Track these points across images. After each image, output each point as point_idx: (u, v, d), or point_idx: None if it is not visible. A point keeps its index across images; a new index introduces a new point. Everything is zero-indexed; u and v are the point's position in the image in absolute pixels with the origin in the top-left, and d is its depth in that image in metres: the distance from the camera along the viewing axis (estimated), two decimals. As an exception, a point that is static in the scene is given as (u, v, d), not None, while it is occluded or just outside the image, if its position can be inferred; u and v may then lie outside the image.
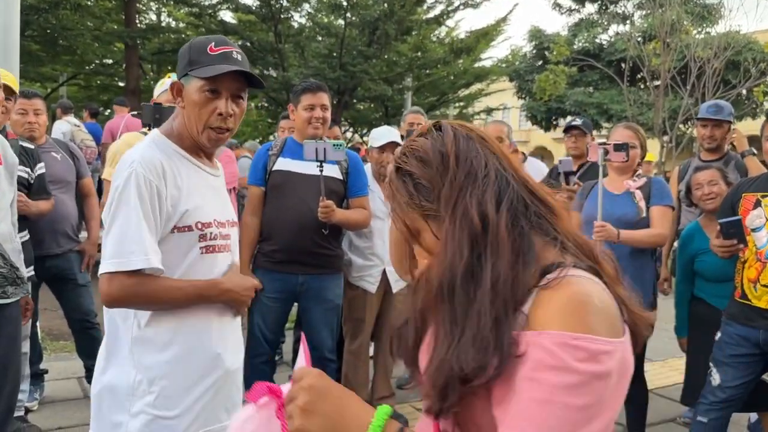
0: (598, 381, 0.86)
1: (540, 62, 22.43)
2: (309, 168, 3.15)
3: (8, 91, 3.28)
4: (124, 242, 1.62)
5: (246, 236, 3.35)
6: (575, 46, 21.32)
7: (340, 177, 3.35)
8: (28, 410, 3.53)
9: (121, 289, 1.62)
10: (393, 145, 3.65)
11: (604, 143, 3.30)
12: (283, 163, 3.32)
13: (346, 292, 3.58)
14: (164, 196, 1.68)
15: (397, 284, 3.71)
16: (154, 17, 19.28)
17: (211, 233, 1.77)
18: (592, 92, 21.30)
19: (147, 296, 1.65)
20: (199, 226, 1.75)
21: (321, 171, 3.09)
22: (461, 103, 21.69)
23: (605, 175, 3.33)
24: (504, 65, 22.50)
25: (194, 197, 1.75)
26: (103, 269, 1.64)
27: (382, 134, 3.72)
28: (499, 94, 22.11)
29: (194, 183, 1.78)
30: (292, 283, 3.29)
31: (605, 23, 22.83)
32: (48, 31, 14.67)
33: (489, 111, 22.04)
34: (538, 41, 22.95)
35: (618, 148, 3.22)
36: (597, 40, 22.19)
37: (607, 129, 17.04)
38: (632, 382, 3.10)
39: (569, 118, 21.85)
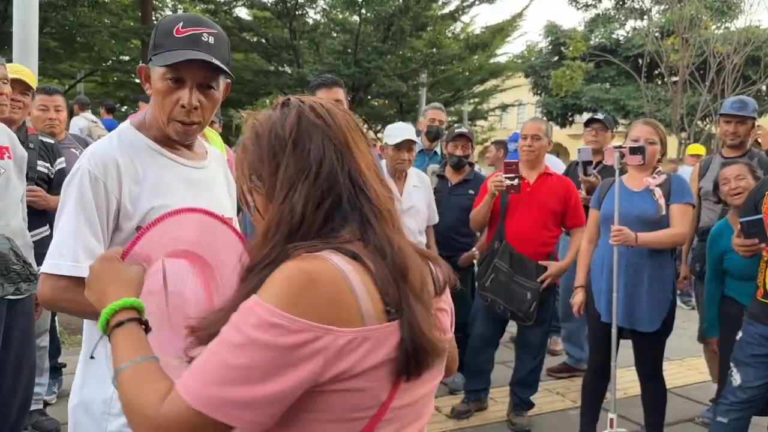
0: (260, 349, 0.87)
1: (556, 58, 22.25)
2: None
3: (26, 86, 3.30)
4: (59, 244, 1.49)
5: None
6: (592, 42, 21.12)
7: None
8: (46, 404, 3.56)
9: (51, 291, 1.49)
10: (409, 142, 3.64)
11: (620, 146, 3.25)
12: None
13: None
14: (114, 193, 1.52)
15: None
16: (169, 14, 19.39)
17: None
18: (608, 88, 21.09)
19: (77, 302, 1.44)
20: None
21: None
22: (476, 100, 21.58)
23: (623, 173, 3.29)
24: (519, 61, 22.35)
25: (163, 194, 1.57)
26: (41, 268, 1.53)
27: (398, 131, 3.70)
28: (515, 90, 21.96)
29: (164, 178, 1.59)
30: None
31: (622, 18, 22.59)
32: (66, 28, 14.80)
33: (504, 107, 21.93)
34: (554, 37, 22.76)
35: (634, 151, 3.17)
36: (614, 36, 21.97)
37: (624, 125, 16.89)
38: (650, 381, 3.06)
39: (585, 114, 21.71)
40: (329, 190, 1.00)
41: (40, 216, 3.19)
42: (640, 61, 16.29)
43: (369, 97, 17.84)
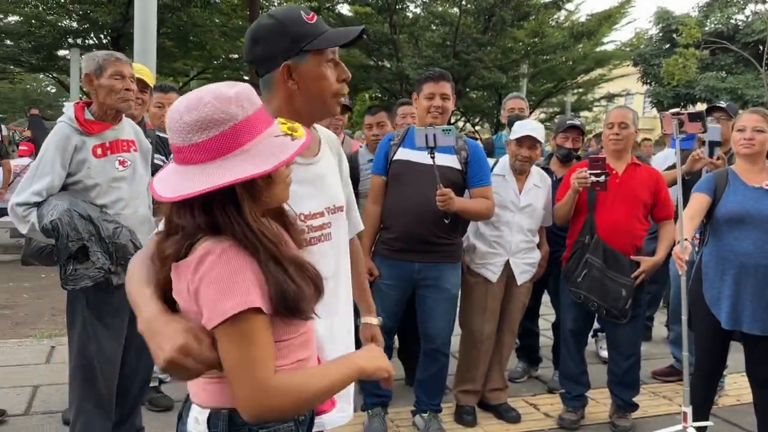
0: None
1: (667, 45, 21.17)
2: (428, 158, 3.09)
3: (145, 84, 3.53)
4: None
5: (366, 223, 3.40)
6: (707, 28, 19.91)
7: (459, 167, 3.29)
8: (161, 381, 3.82)
9: None
10: (529, 139, 3.54)
11: (678, 113, 3.03)
12: (403, 153, 3.33)
13: (466, 279, 3.55)
14: None
15: (521, 276, 3.61)
16: (275, 12, 20.01)
17: None
18: (725, 77, 19.82)
19: None
20: None
21: (432, 157, 3.04)
22: (580, 90, 20.93)
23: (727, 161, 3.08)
24: (628, 49, 21.44)
25: None
26: None
27: (521, 127, 3.61)
28: (622, 79, 21.13)
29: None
30: (409, 271, 3.29)
31: (741, 2, 21.11)
32: (180, 28, 15.67)
33: (610, 97, 21.14)
34: (665, 23, 21.64)
35: (693, 117, 2.96)
36: (732, 21, 20.59)
37: (743, 116, 15.80)
38: (764, 388, 2.83)
39: (699, 105, 20.52)
40: None
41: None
42: (760, 47, 15.20)
43: (467, 89, 17.69)
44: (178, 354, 1.12)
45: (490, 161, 3.61)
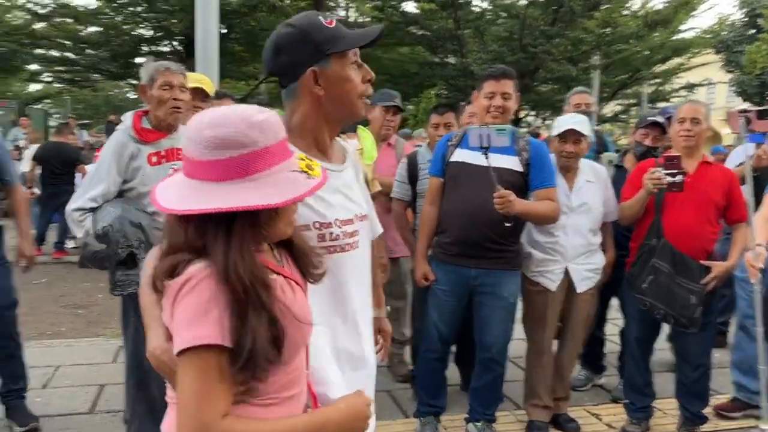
0: None
1: (752, 31, 20.02)
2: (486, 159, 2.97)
3: (205, 94, 3.58)
4: None
5: (423, 226, 3.32)
6: (796, 10, 18.68)
7: (519, 169, 3.12)
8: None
9: None
10: (573, 133, 3.35)
11: (746, 110, 2.79)
12: (459, 154, 3.20)
13: (527, 288, 3.41)
14: None
15: (582, 283, 3.42)
16: (342, 13, 20.21)
17: (331, 234, 1.61)
18: (816, 61, 18.53)
19: None
20: (317, 225, 1.58)
21: (486, 157, 2.91)
22: (657, 80, 20.10)
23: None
24: (708, 36, 20.42)
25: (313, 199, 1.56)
26: None
27: (564, 121, 3.44)
28: (703, 68, 20.13)
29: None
30: (466, 277, 3.17)
31: (836, -20, 19.69)
32: (248, 33, 16.06)
33: (690, 87, 20.20)
34: (749, 8, 20.48)
35: (762, 114, 2.72)
36: (825, 1, 19.23)
37: (837, 103, 14.73)
38: None
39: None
40: None
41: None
42: None
43: (535, 83, 17.30)
44: None
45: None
